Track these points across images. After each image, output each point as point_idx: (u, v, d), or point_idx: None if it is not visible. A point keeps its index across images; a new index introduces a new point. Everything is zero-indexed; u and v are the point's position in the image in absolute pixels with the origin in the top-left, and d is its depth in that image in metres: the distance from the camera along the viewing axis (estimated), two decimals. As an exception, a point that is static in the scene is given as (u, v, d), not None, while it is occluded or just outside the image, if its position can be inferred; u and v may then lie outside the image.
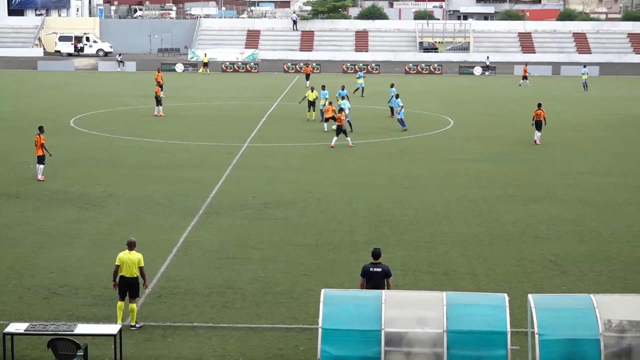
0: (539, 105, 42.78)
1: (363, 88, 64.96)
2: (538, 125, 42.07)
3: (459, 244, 24.54)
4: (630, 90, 74.47)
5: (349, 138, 40.40)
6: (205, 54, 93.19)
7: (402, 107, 46.28)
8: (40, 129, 32.66)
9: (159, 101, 51.49)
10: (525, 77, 76.65)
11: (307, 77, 77.09)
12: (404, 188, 31.92)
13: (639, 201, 30.23)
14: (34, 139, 32.41)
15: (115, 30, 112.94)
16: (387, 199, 29.93)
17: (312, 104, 49.57)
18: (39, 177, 32.12)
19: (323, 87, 50.28)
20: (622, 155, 39.83)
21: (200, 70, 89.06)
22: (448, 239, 24.98)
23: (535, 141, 42.12)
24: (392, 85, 53.96)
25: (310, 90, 50.78)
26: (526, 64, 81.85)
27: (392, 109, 51.13)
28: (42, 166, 32.20)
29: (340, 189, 31.46)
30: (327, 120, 45.10)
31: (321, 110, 48.30)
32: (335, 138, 40.13)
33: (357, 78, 67.04)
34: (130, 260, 17.86)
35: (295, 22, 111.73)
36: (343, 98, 47.65)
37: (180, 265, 22.33)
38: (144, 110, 55.43)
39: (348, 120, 44.23)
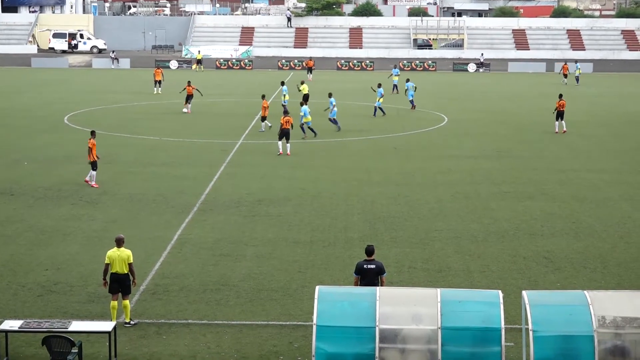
0: (560, 96, 45.54)
1: (396, 85, 65.12)
2: (560, 115, 44.65)
3: (453, 240, 24.56)
4: (624, 87, 74.60)
5: (289, 144, 37.58)
6: (199, 51, 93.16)
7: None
8: (92, 133, 31.01)
9: (188, 98, 51.74)
10: (565, 75, 75.81)
11: (310, 70, 77.94)
12: (398, 185, 31.93)
13: (633, 197, 30.29)
14: (88, 145, 30.53)
15: (109, 27, 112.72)
16: (381, 196, 29.94)
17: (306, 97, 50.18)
18: (93, 183, 30.56)
19: (282, 83, 50.55)
20: (616, 152, 39.89)
21: (194, 67, 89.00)
22: (442, 236, 25.00)
23: (556, 132, 44.64)
24: (407, 80, 56.25)
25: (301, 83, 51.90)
26: (565, 62, 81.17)
27: (412, 102, 54.13)
28: (94, 172, 30.61)
29: (335, 186, 31.47)
30: (263, 119, 43.85)
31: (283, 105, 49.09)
32: (280, 142, 37.68)
33: (395, 76, 65.89)
34: (120, 257, 17.83)
35: (289, 19, 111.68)
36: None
37: (175, 263, 22.31)
38: (139, 107, 55.40)
39: (309, 127, 42.15)
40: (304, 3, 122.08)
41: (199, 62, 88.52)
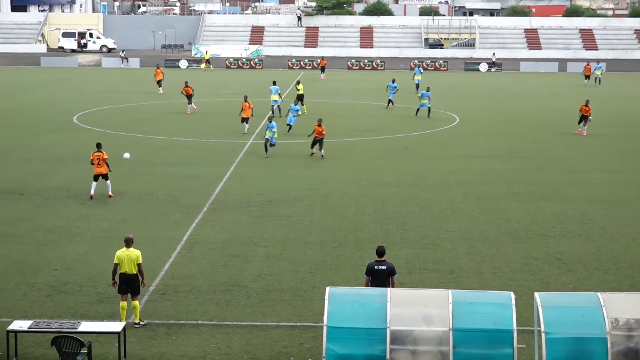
0: (587, 102, 45.50)
1: (418, 85, 64.37)
2: (584, 119, 44.90)
3: (464, 241, 24.42)
4: (637, 86, 74.26)
5: (315, 150, 37.16)
6: (207, 51, 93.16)
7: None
8: (98, 145, 29.81)
9: (189, 98, 51.25)
10: (587, 77, 74.30)
11: (323, 69, 78.45)
12: (409, 185, 31.80)
13: (646, 198, 30.09)
14: (90, 157, 29.49)
15: (119, 26, 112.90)
16: (392, 196, 29.81)
17: (300, 97, 50.36)
18: (109, 193, 29.47)
19: (274, 83, 50.29)
20: (628, 153, 39.67)
21: (202, 66, 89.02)
22: (454, 237, 24.86)
23: (583, 134, 44.63)
24: (393, 81, 56.87)
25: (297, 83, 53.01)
26: (588, 62, 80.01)
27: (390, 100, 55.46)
28: (108, 182, 29.52)
29: (345, 186, 31.35)
30: (244, 120, 43.39)
31: (272, 106, 48.85)
32: (321, 150, 37.06)
33: (418, 75, 65.34)
34: (128, 257, 17.75)
35: (299, 18, 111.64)
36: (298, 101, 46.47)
37: (185, 263, 22.23)
38: (148, 106, 55.39)
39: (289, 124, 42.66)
40: (314, 2, 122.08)
41: (207, 61, 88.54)
